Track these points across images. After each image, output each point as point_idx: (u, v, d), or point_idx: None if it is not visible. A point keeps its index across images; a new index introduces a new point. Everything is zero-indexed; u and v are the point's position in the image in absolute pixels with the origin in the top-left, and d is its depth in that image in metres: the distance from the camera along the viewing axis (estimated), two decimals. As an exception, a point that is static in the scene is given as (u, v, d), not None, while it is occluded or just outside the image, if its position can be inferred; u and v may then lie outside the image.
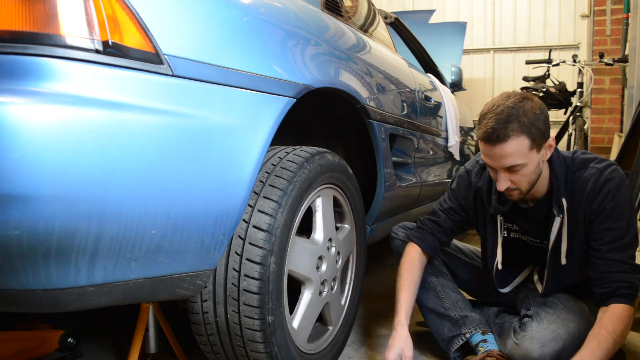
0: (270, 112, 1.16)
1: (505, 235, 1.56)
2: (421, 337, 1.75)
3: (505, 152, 1.29)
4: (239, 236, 1.14)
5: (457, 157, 2.94)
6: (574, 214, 1.40)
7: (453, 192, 1.62)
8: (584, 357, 1.28)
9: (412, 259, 1.58)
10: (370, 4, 2.47)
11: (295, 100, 1.24)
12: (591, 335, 1.31)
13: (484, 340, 1.51)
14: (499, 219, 1.52)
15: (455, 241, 1.78)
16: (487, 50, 6.03)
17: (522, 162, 1.30)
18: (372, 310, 2.05)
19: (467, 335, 1.53)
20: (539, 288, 1.55)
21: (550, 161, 1.41)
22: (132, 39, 0.90)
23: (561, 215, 1.39)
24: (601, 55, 4.42)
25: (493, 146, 1.30)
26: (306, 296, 1.34)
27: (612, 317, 1.31)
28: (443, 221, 1.61)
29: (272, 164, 1.24)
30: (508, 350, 1.44)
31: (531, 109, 1.29)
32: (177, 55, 0.96)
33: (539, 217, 1.47)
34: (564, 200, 1.39)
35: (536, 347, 1.33)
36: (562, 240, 1.41)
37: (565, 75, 5.31)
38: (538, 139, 1.30)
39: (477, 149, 3.87)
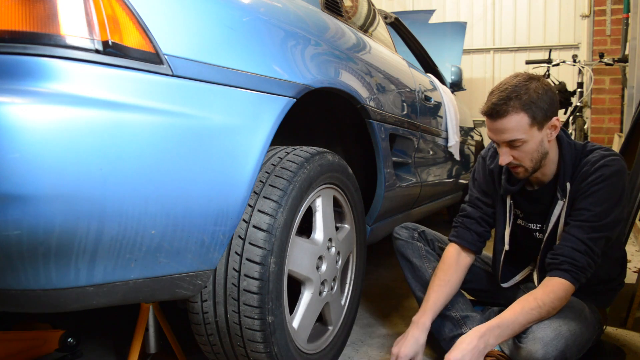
0: (270, 112, 1.16)
1: (513, 220, 1.58)
2: (421, 337, 1.75)
3: (504, 127, 1.36)
4: (239, 236, 1.14)
5: (457, 157, 2.94)
6: (571, 196, 1.43)
7: (474, 181, 1.67)
8: (504, 318, 1.34)
9: (449, 259, 1.59)
10: (370, 4, 2.46)
11: (295, 100, 1.24)
12: (518, 300, 1.37)
13: (485, 340, 1.51)
14: (509, 202, 1.55)
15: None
16: (487, 50, 6.03)
17: (521, 138, 1.36)
18: (372, 310, 2.05)
19: (468, 335, 1.53)
20: (536, 281, 1.55)
21: (560, 146, 1.45)
22: (132, 39, 0.90)
23: (564, 200, 1.43)
24: (601, 55, 4.42)
25: (494, 121, 1.38)
26: (306, 296, 1.34)
27: (545, 288, 1.36)
28: (471, 212, 1.63)
29: (272, 164, 1.24)
30: (509, 350, 1.43)
31: (535, 88, 1.35)
32: (177, 55, 0.96)
33: (543, 200, 1.50)
34: (568, 185, 1.42)
35: (539, 347, 1.32)
36: (560, 223, 1.44)
37: (565, 75, 5.31)
38: (539, 117, 1.36)
39: (477, 149, 3.88)
